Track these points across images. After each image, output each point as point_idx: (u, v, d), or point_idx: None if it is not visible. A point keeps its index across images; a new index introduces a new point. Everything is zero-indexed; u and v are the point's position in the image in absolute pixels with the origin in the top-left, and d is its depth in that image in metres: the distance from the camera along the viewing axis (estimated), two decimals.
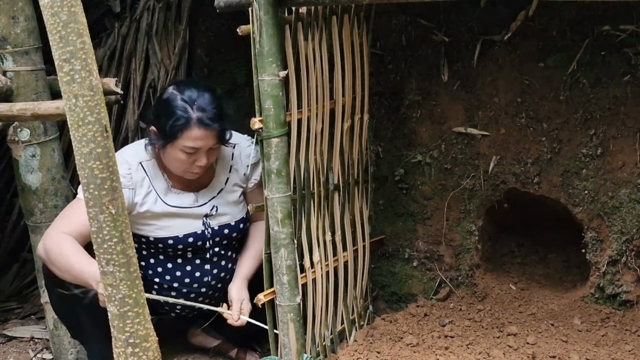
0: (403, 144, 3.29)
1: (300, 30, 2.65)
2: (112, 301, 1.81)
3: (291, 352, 2.71)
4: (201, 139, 2.80)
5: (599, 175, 2.97)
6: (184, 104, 2.79)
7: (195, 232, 3.02)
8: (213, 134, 2.81)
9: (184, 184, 3.00)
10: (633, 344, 2.79)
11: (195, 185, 3.02)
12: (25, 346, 3.56)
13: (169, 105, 2.81)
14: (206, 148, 2.83)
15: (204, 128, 2.79)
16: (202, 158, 2.85)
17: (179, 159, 2.85)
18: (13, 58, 3.06)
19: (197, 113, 2.79)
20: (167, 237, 2.99)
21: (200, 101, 2.80)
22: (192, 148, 2.81)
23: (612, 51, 2.89)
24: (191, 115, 2.78)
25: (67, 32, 1.65)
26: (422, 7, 3.15)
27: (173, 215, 2.98)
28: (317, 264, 2.87)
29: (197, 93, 2.82)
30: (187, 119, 2.78)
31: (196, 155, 2.84)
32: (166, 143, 2.83)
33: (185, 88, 2.85)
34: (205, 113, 2.79)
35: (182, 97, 2.81)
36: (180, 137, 2.79)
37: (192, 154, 2.83)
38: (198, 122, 2.78)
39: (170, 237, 3.00)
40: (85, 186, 1.73)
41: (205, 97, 2.82)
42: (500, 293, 3.21)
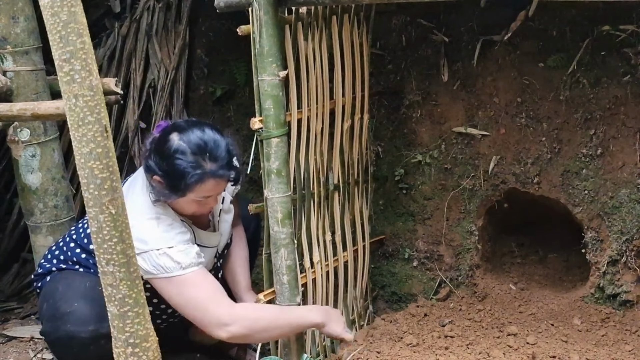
0: (403, 144, 3.29)
1: (300, 30, 2.65)
2: (112, 301, 1.81)
3: (291, 352, 2.71)
4: (215, 189, 2.62)
5: (599, 175, 2.97)
6: (195, 157, 2.54)
7: (214, 263, 2.94)
8: (226, 181, 2.63)
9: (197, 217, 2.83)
10: (633, 344, 2.79)
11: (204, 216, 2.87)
12: (25, 346, 3.55)
13: (179, 160, 2.55)
14: (216, 194, 2.68)
15: (220, 179, 2.59)
16: (211, 202, 2.70)
17: (191, 206, 2.66)
18: (13, 58, 3.06)
19: (210, 165, 2.55)
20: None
21: (211, 150, 2.56)
22: (206, 197, 2.64)
23: (612, 51, 2.89)
24: (205, 169, 2.55)
25: (67, 32, 1.65)
26: (422, 7, 3.15)
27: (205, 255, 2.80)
28: (317, 264, 2.87)
29: (204, 139, 2.56)
30: (201, 175, 2.54)
31: (208, 200, 2.67)
32: (177, 197, 2.61)
33: (191, 134, 2.57)
34: (218, 163, 2.57)
35: (191, 149, 2.55)
36: (193, 191, 2.58)
37: (205, 200, 2.66)
38: (213, 175, 2.56)
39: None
40: (85, 186, 1.73)
41: (215, 143, 2.58)
42: (500, 293, 3.21)
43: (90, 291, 2.72)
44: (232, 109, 3.78)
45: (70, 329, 2.69)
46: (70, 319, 2.70)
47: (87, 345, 2.68)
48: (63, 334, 2.71)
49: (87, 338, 2.66)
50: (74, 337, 2.68)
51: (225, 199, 2.95)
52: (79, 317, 2.69)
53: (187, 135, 2.57)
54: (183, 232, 2.68)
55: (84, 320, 2.68)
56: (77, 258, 2.85)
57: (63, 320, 2.72)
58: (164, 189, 2.60)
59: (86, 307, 2.71)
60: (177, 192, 2.59)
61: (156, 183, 2.62)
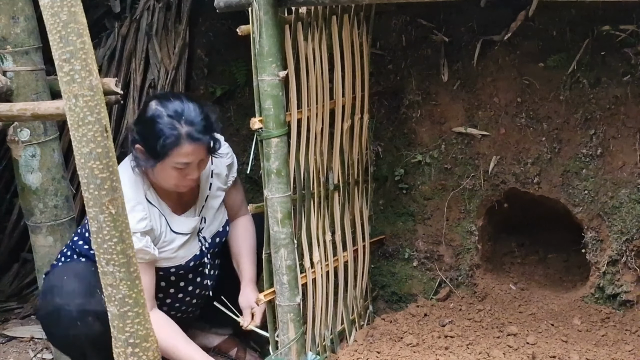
0: (403, 144, 3.29)
1: (300, 31, 2.65)
2: (112, 301, 1.81)
3: (291, 352, 2.71)
4: (192, 153, 2.70)
5: (599, 175, 2.97)
6: (171, 120, 2.66)
7: (195, 254, 2.97)
8: (203, 147, 2.72)
9: (177, 202, 2.91)
10: (633, 344, 2.79)
11: (187, 200, 2.95)
12: (25, 346, 3.55)
13: (156, 123, 2.68)
14: (197, 161, 2.74)
15: (194, 142, 2.68)
16: (194, 172, 2.76)
17: (171, 175, 2.75)
18: (13, 58, 3.06)
19: (185, 128, 2.66)
20: (169, 267, 2.93)
21: (187, 114, 2.68)
22: (184, 164, 2.71)
23: (612, 51, 2.89)
24: (180, 131, 2.66)
25: (67, 32, 1.65)
26: (422, 7, 3.15)
27: (179, 243, 2.91)
28: (317, 264, 2.87)
29: (182, 106, 2.70)
30: (177, 136, 2.65)
31: (188, 170, 2.74)
32: (156, 162, 2.71)
33: (169, 102, 2.71)
34: (194, 126, 2.68)
35: (167, 112, 2.67)
36: (171, 155, 2.68)
37: (183, 169, 2.73)
38: (188, 138, 2.66)
39: (174, 267, 2.94)
40: (85, 186, 1.73)
41: (192, 109, 2.70)
42: (500, 293, 3.21)
43: (82, 270, 2.83)
44: (232, 109, 3.78)
45: (58, 302, 2.77)
46: (58, 292, 2.79)
47: (74, 320, 2.75)
48: (51, 308, 2.78)
49: (74, 312, 2.74)
50: (61, 310, 2.76)
51: (212, 184, 3.00)
52: (67, 290, 2.77)
53: (166, 102, 2.71)
54: (142, 218, 2.76)
55: (71, 293, 2.77)
56: (80, 249, 2.91)
57: (52, 293, 2.80)
58: (144, 155, 2.72)
59: (75, 281, 2.80)
60: (155, 157, 2.69)
61: (138, 152, 2.74)
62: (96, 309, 2.71)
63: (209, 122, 2.73)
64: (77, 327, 2.76)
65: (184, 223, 2.91)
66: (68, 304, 2.75)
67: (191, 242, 2.95)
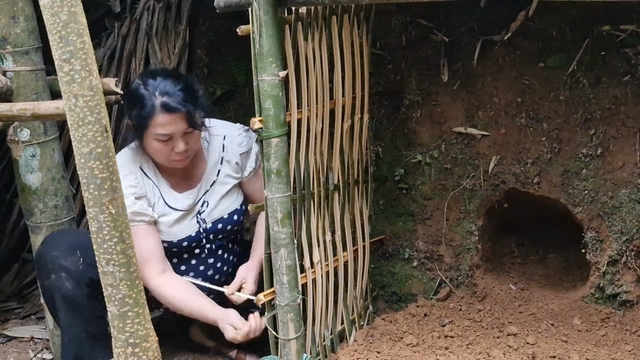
0: (403, 144, 3.29)
1: (300, 30, 2.65)
2: (112, 301, 1.81)
3: (291, 352, 2.71)
4: (169, 124, 2.75)
5: (599, 175, 2.97)
6: (147, 92, 2.75)
7: (190, 235, 3.02)
8: (181, 118, 2.75)
9: (180, 179, 2.99)
10: (633, 344, 2.79)
11: (189, 180, 3.01)
12: (25, 346, 3.55)
13: (134, 95, 2.78)
14: (179, 133, 2.78)
15: (169, 112, 2.74)
16: (178, 144, 2.80)
17: (156, 147, 2.82)
18: (13, 58, 3.06)
19: (160, 98, 2.74)
20: (163, 240, 2.99)
21: (163, 86, 2.75)
22: (163, 135, 2.77)
23: (612, 51, 2.89)
24: (155, 101, 2.74)
25: (67, 32, 1.65)
26: (422, 7, 3.15)
27: (173, 218, 2.98)
28: (317, 264, 2.87)
29: (159, 79, 2.78)
30: (151, 106, 2.74)
31: (172, 142, 2.79)
32: (140, 134, 2.82)
33: (149, 76, 2.82)
34: (169, 97, 2.74)
35: (144, 85, 2.77)
36: (149, 126, 2.76)
37: (166, 141, 2.79)
38: (162, 107, 2.74)
39: (166, 242, 3.00)
40: (85, 186, 1.73)
41: (169, 81, 2.77)
42: (500, 293, 3.21)
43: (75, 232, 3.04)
44: (232, 109, 3.77)
45: (42, 250, 3.01)
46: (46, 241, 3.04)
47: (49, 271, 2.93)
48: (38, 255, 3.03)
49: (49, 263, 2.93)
50: (41, 259, 2.98)
51: (221, 171, 3.04)
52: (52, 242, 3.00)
53: (146, 75, 2.83)
54: (132, 185, 2.88)
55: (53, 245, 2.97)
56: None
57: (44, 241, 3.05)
58: (131, 128, 2.86)
59: (62, 237, 3.03)
60: (138, 128, 2.81)
61: (128, 126, 2.90)
62: (69, 267, 2.89)
63: (187, 94, 2.77)
64: (50, 279, 2.93)
65: (179, 200, 2.98)
66: (47, 254, 2.95)
67: (187, 221, 3.00)
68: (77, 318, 2.93)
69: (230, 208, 3.08)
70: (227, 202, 3.08)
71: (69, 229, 3.20)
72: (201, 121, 2.83)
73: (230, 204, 3.09)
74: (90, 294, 2.90)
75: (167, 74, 2.85)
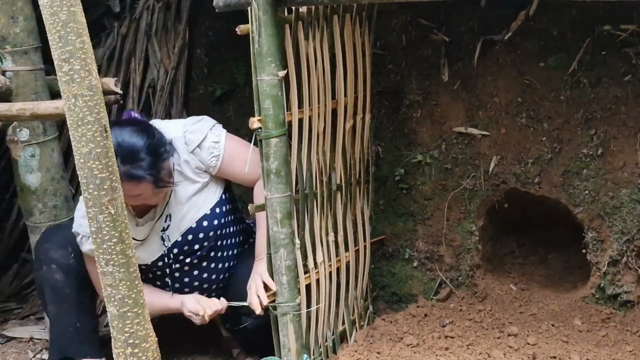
0: (403, 144, 3.29)
1: (300, 30, 2.64)
2: (111, 302, 1.80)
3: (291, 353, 2.71)
4: (137, 189, 2.64)
5: (600, 175, 2.97)
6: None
7: (161, 254, 2.92)
8: (148, 183, 2.64)
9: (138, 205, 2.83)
10: (634, 345, 2.79)
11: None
12: (24, 346, 3.55)
13: None
14: (148, 192, 2.67)
15: (135, 181, 2.61)
16: (149, 199, 2.72)
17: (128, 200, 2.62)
18: (12, 58, 3.06)
19: (123, 167, 2.54)
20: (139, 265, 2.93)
21: (124, 152, 2.58)
22: (132, 197, 2.65)
23: (612, 51, 2.89)
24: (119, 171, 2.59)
25: (66, 31, 1.64)
26: (423, 7, 3.14)
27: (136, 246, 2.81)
28: (320, 264, 2.86)
29: (119, 142, 2.57)
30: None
31: (142, 196, 2.69)
32: None
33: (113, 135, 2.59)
34: (133, 165, 2.59)
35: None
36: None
37: (137, 197, 2.68)
38: (127, 177, 2.56)
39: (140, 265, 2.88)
40: (85, 186, 1.73)
41: (129, 145, 2.60)
42: (501, 293, 3.21)
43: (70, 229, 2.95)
44: (232, 109, 3.77)
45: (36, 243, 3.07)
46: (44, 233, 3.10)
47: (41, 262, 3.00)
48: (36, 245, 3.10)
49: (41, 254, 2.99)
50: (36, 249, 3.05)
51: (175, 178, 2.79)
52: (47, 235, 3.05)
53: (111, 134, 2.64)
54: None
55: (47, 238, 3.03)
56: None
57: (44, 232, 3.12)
58: None
59: (57, 230, 3.07)
60: None
61: None
62: (59, 259, 2.95)
63: (151, 156, 2.64)
64: (42, 270, 2.98)
65: (140, 231, 2.87)
66: (41, 246, 3.01)
67: (152, 244, 2.90)
68: (65, 311, 2.95)
69: (196, 215, 2.88)
70: (192, 209, 2.88)
71: (67, 224, 3.16)
72: (169, 178, 2.72)
73: (196, 211, 2.89)
74: (78, 287, 2.94)
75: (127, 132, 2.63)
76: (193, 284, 3.02)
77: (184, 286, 3.01)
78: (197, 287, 3.02)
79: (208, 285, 3.05)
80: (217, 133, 2.87)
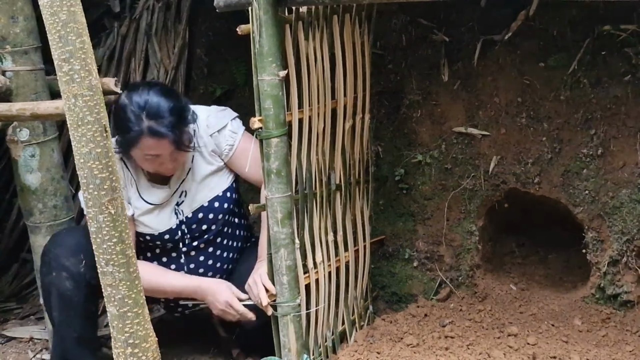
0: (403, 144, 3.29)
1: (300, 30, 2.64)
2: (111, 301, 1.80)
3: (291, 353, 2.71)
4: (157, 147, 2.71)
5: (600, 175, 2.97)
6: (133, 114, 2.68)
7: (171, 227, 2.97)
8: (168, 142, 2.70)
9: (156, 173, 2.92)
10: (634, 345, 2.79)
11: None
12: (24, 347, 3.55)
13: (121, 116, 2.71)
14: (167, 153, 2.74)
15: (157, 137, 2.68)
16: (166, 163, 2.78)
17: (145, 163, 2.80)
18: (12, 58, 3.05)
19: (147, 122, 2.67)
20: (144, 233, 2.98)
21: (150, 108, 2.68)
22: (151, 155, 2.74)
23: (612, 51, 2.89)
24: (142, 126, 2.67)
25: (66, 31, 1.64)
26: (422, 7, 3.14)
27: (148, 211, 2.94)
28: (319, 264, 2.86)
29: (147, 99, 2.69)
30: (138, 131, 2.67)
31: (160, 159, 2.76)
32: (127, 151, 2.77)
33: (135, 94, 2.71)
34: (157, 121, 2.68)
35: (131, 106, 2.69)
36: (136, 147, 2.72)
37: (154, 158, 2.76)
38: (149, 132, 2.68)
39: (147, 234, 2.97)
40: (85, 186, 1.73)
41: (156, 102, 2.69)
42: (501, 293, 3.21)
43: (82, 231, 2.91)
44: (232, 109, 3.77)
45: (48, 246, 2.99)
46: (54, 238, 3.02)
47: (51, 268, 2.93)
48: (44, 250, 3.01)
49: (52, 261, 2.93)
50: (45, 255, 2.97)
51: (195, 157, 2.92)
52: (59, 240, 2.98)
53: (133, 93, 2.72)
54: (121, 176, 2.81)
55: (59, 243, 2.96)
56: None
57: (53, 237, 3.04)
58: (118, 144, 2.77)
59: (69, 236, 3.00)
60: (125, 146, 2.76)
61: (116, 141, 2.79)
62: (70, 267, 2.90)
63: (175, 116, 2.72)
64: (51, 276, 2.93)
65: (154, 193, 2.94)
66: (52, 251, 2.94)
67: (166, 213, 2.96)
68: (71, 318, 2.94)
69: (209, 195, 2.98)
70: (205, 189, 2.97)
71: (79, 227, 3.17)
72: (189, 143, 2.79)
73: (209, 190, 2.98)
74: (87, 296, 2.91)
75: (155, 90, 2.74)
76: (198, 270, 3.06)
77: (189, 272, 3.05)
78: (201, 274, 3.07)
79: (212, 273, 3.09)
80: (236, 125, 3.00)
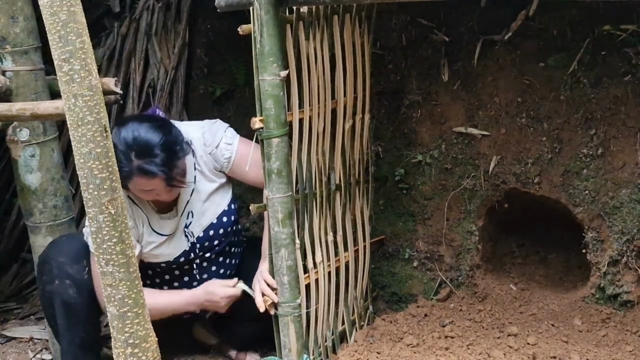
0: (403, 144, 3.29)
1: (301, 30, 2.64)
2: (111, 302, 1.80)
3: (292, 353, 2.71)
4: (149, 184, 2.69)
5: (600, 175, 2.97)
6: (122, 154, 2.61)
7: (184, 249, 2.97)
8: (160, 180, 2.67)
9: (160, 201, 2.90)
10: (634, 345, 2.79)
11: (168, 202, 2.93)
12: (24, 346, 3.55)
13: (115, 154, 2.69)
14: (161, 188, 2.71)
15: (148, 177, 2.65)
16: (162, 194, 2.76)
17: (141, 194, 2.77)
18: (12, 58, 3.05)
19: (137, 161, 2.63)
20: (159, 262, 2.99)
21: (139, 146, 2.63)
22: (144, 191, 2.72)
23: (612, 51, 2.89)
24: (132, 166, 2.63)
25: (66, 31, 1.64)
26: (422, 7, 3.14)
27: (162, 243, 2.94)
28: (319, 264, 2.86)
29: (136, 136, 2.63)
30: (128, 172, 2.63)
31: (155, 191, 2.73)
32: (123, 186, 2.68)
33: (124, 129, 2.65)
34: (146, 160, 2.63)
35: (120, 145, 2.61)
36: (129, 184, 2.69)
37: (150, 191, 2.73)
38: (139, 172, 2.64)
39: (163, 262, 2.99)
40: (85, 186, 1.73)
41: (145, 139, 2.64)
42: (501, 293, 3.21)
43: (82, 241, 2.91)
44: (232, 109, 3.77)
45: (47, 253, 2.97)
46: (53, 245, 3.00)
47: (53, 276, 2.90)
48: (42, 258, 2.99)
49: (55, 268, 2.90)
50: (46, 263, 2.94)
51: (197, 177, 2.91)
52: (58, 247, 2.96)
53: (122, 129, 2.67)
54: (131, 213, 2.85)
55: (59, 251, 2.93)
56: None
57: (50, 245, 3.02)
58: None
59: (69, 243, 2.98)
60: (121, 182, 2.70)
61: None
62: (74, 275, 2.88)
63: (166, 153, 2.66)
64: (53, 284, 2.90)
65: (166, 225, 2.93)
66: (54, 259, 2.91)
67: (176, 239, 2.96)
68: (74, 325, 2.93)
69: (217, 211, 2.99)
70: (212, 206, 2.98)
71: (76, 234, 3.16)
72: (182, 176, 2.75)
73: (216, 207, 2.99)
74: (90, 303, 2.91)
75: (145, 127, 2.67)
76: (209, 279, 3.07)
77: (202, 282, 3.06)
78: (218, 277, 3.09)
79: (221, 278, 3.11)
80: (230, 135, 2.96)
